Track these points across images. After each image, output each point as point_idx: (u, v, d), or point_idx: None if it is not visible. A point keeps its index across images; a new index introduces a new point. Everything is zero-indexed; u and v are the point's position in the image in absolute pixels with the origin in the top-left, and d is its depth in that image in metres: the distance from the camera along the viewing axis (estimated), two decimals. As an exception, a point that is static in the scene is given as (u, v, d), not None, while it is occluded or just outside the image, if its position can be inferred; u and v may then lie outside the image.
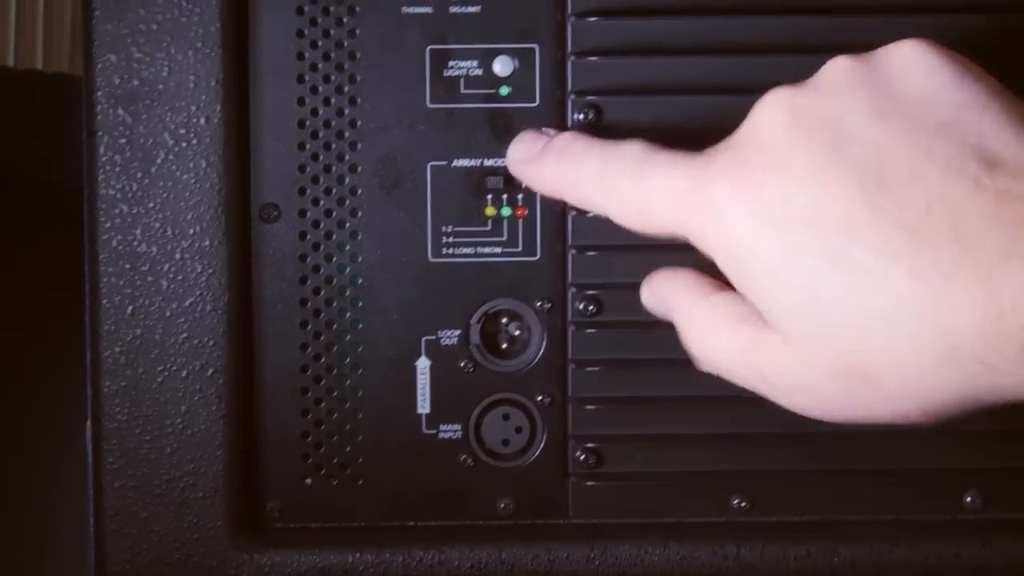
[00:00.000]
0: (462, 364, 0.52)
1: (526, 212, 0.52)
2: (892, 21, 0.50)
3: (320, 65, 0.51)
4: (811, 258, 0.39)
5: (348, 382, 0.52)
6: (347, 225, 0.52)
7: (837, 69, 0.42)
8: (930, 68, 0.41)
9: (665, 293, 0.47)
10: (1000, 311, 0.36)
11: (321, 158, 0.52)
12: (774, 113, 0.42)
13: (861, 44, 0.49)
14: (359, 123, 0.51)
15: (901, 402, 0.39)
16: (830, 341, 0.39)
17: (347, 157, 0.52)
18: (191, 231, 0.51)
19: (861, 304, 0.38)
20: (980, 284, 0.37)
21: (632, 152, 0.45)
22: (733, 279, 0.42)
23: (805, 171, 0.40)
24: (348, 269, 0.52)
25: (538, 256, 0.52)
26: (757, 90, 0.50)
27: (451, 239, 0.52)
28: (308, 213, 0.52)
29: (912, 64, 0.41)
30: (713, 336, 0.44)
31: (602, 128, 0.51)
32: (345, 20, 0.51)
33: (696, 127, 0.50)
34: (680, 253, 0.45)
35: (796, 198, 0.40)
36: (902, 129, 0.40)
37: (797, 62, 0.50)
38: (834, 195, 0.39)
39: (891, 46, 0.42)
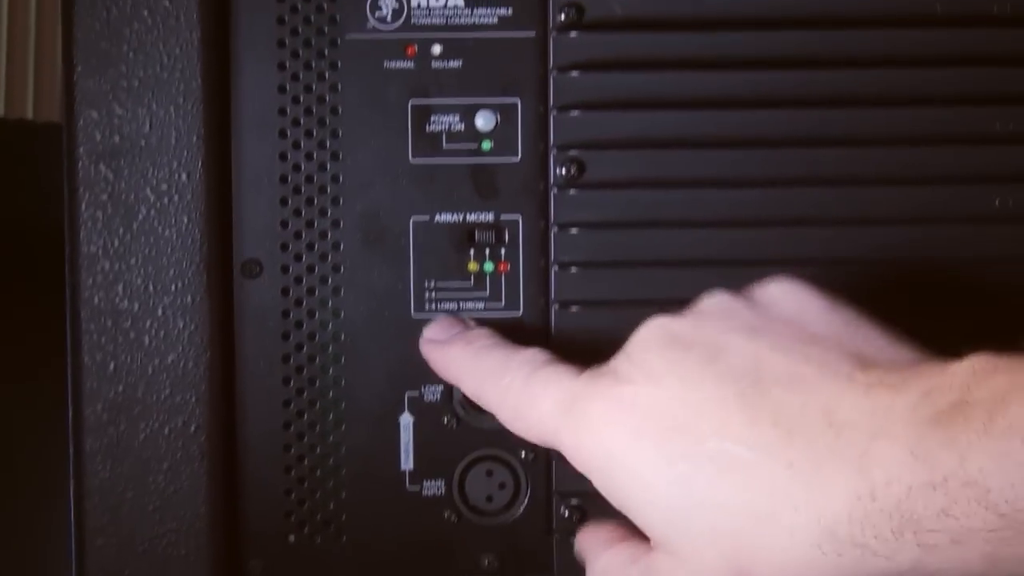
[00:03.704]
0: (445, 420, 0.52)
1: (509, 267, 0.51)
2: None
3: (302, 120, 0.51)
4: (688, 462, 0.39)
5: (331, 439, 0.52)
6: (330, 281, 0.52)
7: (713, 298, 0.44)
8: (805, 296, 0.43)
9: (583, 545, 0.47)
10: (872, 488, 0.36)
11: (303, 213, 0.51)
12: (649, 335, 0.43)
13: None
14: (341, 178, 0.51)
15: None
16: (712, 543, 0.39)
17: (329, 212, 0.51)
18: (173, 287, 0.50)
19: (739, 501, 0.38)
20: (851, 464, 0.37)
21: (531, 358, 0.46)
22: (610, 496, 0.42)
23: (680, 382, 0.41)
24: (331, 325, 0.52)
25: (521, 311, 0.52)
26: (739, 146, 0.50)
27: (434, 294, 0.52)
28: (291, 269, 0.51)
29: (786, 293, 0.43)
30: None
31: (585, 183, 0.51)
32: (327, 75, 0.51)
33: (678, 180, 0.50)
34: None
35: (671, 408, 0.40)
36: (778, 342, 0.41)
37: (777, 116, 0.50)
38: (709, 402, 0.40)
39: (765, 281, 0.44)
